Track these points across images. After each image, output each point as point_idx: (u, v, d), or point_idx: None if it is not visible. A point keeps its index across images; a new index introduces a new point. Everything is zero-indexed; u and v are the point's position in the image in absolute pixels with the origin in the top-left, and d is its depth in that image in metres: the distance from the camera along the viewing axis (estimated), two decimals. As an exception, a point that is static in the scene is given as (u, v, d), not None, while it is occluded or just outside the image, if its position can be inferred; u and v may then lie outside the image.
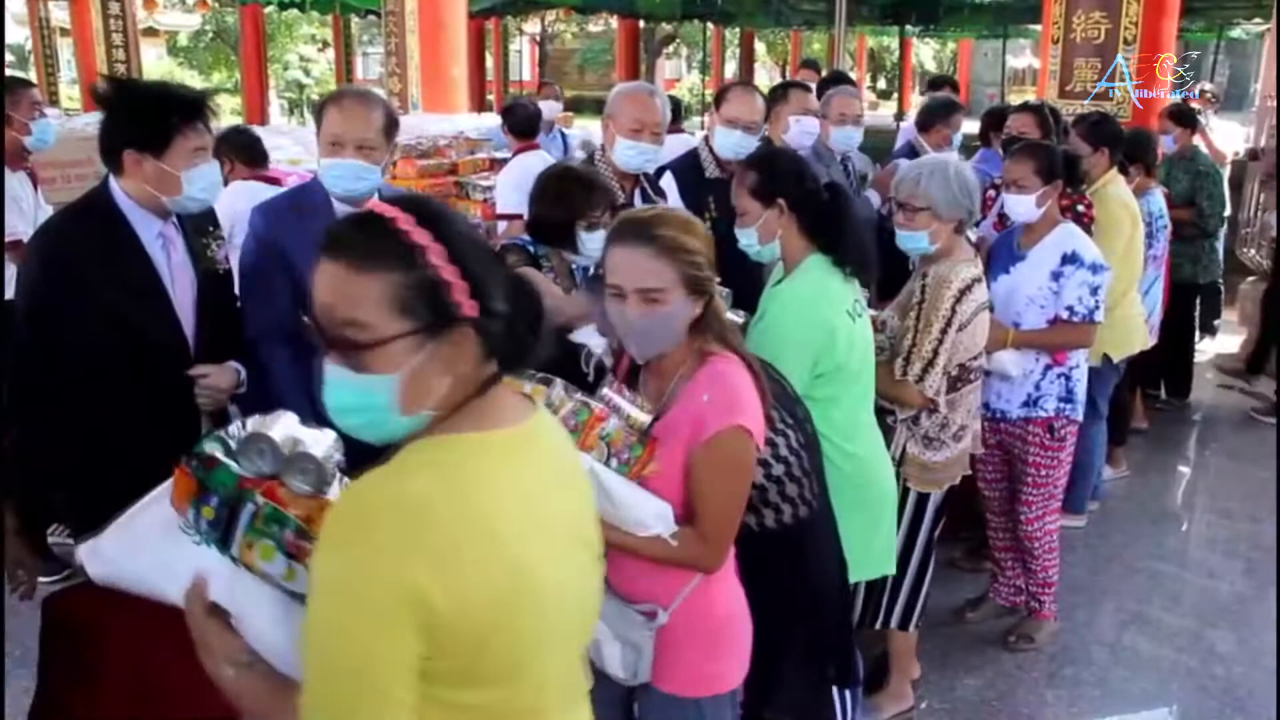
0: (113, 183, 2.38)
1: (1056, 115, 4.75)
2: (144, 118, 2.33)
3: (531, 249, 2.92)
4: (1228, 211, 7.00)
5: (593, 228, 2.87)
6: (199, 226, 2.55)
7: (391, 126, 2.71)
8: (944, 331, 2.89)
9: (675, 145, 4.28)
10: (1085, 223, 3.93)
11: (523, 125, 5.66)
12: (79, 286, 2.28)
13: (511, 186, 4.88)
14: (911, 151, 5.28)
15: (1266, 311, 6.58)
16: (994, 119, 5.87)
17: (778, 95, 4.45)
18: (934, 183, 2.93)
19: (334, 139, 2.61)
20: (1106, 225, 4.14)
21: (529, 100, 6.35)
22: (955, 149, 5.29)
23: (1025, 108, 4.84)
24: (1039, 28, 8.01)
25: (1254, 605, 3.89)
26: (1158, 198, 4.92)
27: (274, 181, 4.22)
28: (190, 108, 2.36)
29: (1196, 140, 6.24)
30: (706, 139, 3.95)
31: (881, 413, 2.86)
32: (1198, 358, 7.06)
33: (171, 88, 2.49)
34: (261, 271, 2.63)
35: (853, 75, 9.46)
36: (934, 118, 5.28)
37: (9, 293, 2.61)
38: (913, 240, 2.99)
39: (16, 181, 4.17)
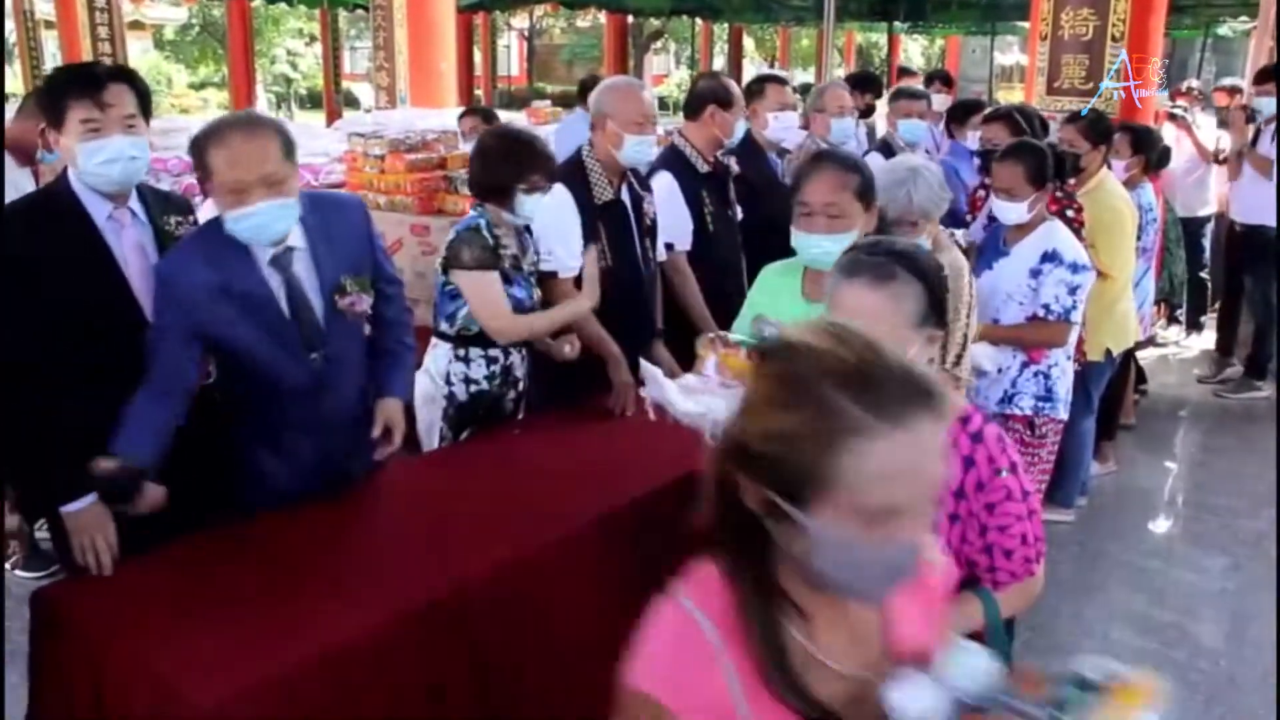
0: (69, 168, 2.41)
1: (1029, 117, 4.72)
2: (47, 93, 2.39)
3: (484, 226, 3.05)
4: (1208, 211, 7.06)
5: (531, 191, 3.03)
6: (165, 210, 2.54)
7: (291, 148, 2.36)
8: (968, 316, 2.97)
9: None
10: (1075, 227, 3.94)
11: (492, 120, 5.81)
12: (28, 266, 2.28)
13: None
14: (884, 145, 5.34)
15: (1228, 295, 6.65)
16: (962, 112, 5.92)
17: (754, 91, 4.45)
18: (919, 193, 2.99)
19: (233, 186, 2.26)
20: (1111, 223, 4.15)
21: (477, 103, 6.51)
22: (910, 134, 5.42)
23: (996, 116, 4.80)
24: (1027, 24, 8.02)
25: (1239, 599, 3.92)
26: (1149, 191, 4.95)
27: None
28: (82, 81, 2.35)
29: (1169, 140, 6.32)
30: (682, 133, 3.95)
31: None
32: (1184, 354, 7.13)
33: (77, 65, 2.52)
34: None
35: (840, 71, 9.48)
36: (891, 109, 5.49)
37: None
38: None
39: (22, 176, 4.17)
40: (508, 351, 3.19)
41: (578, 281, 3.34)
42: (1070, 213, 3.98)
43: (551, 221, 3.30)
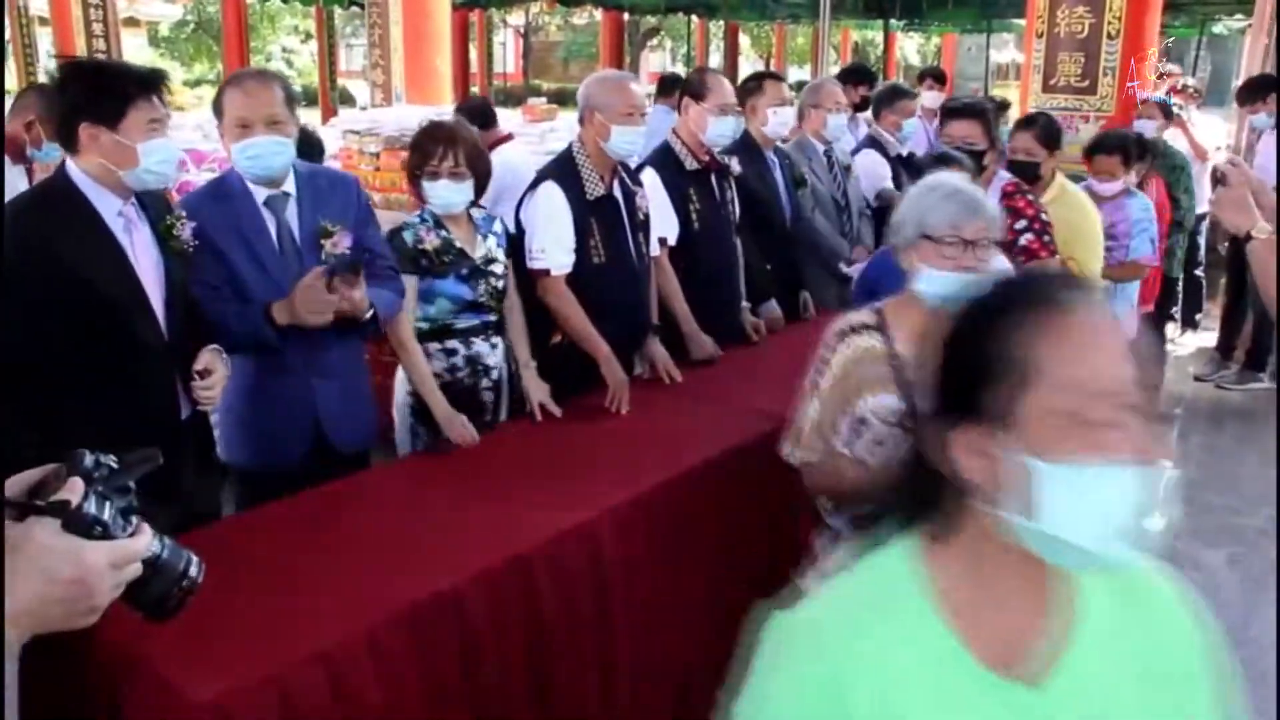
0: (70, 164, 2.38)
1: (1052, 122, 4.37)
2: (99, 90, 2.35)
3: (414, 225, 3.09)
4: (1202, 209, 7.07)
5: (433, 177, 3.07)
6: (159, 209, 2.53)
7: (292, 101, 2.76)
8: None
9: None
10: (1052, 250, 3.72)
11: (480, 119, 5.67)
12: (45, 260, 2.26)
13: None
14: (872, 141, 5.28)
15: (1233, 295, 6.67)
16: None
17: (751, 89, 4.43)
18: (991, 208, 2.31)
19: (241, 121, 2.64)
20: (1088, 228, 4.01)
21: (474, 97, 6.42)
22: (906, 133, 5.30)
23: (1026, 123, 4.28)
24: (1023, 22, 8.03)
25: (1236, 596, 3.92)
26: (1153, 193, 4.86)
27: None
28: (144, 81, 2.38)
29: (1167, 135, 6.29)
30: (675, 131, 3.93)
31: None
32: (1178, 352, 7.13)
33: (124, 64, 2.54)
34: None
35: (836, 69, 9.48)
36: (881, 105, 5.34)
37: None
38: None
39: (16, 174, 4.15)
40: (469, 342, 3.18)
41: (570, 279, 3.33)
42: (1047, 238, 3.68)
43: (543, 219, 3.29)
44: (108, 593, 1.05)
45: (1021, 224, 3.73)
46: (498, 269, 3.21)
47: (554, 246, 3.29)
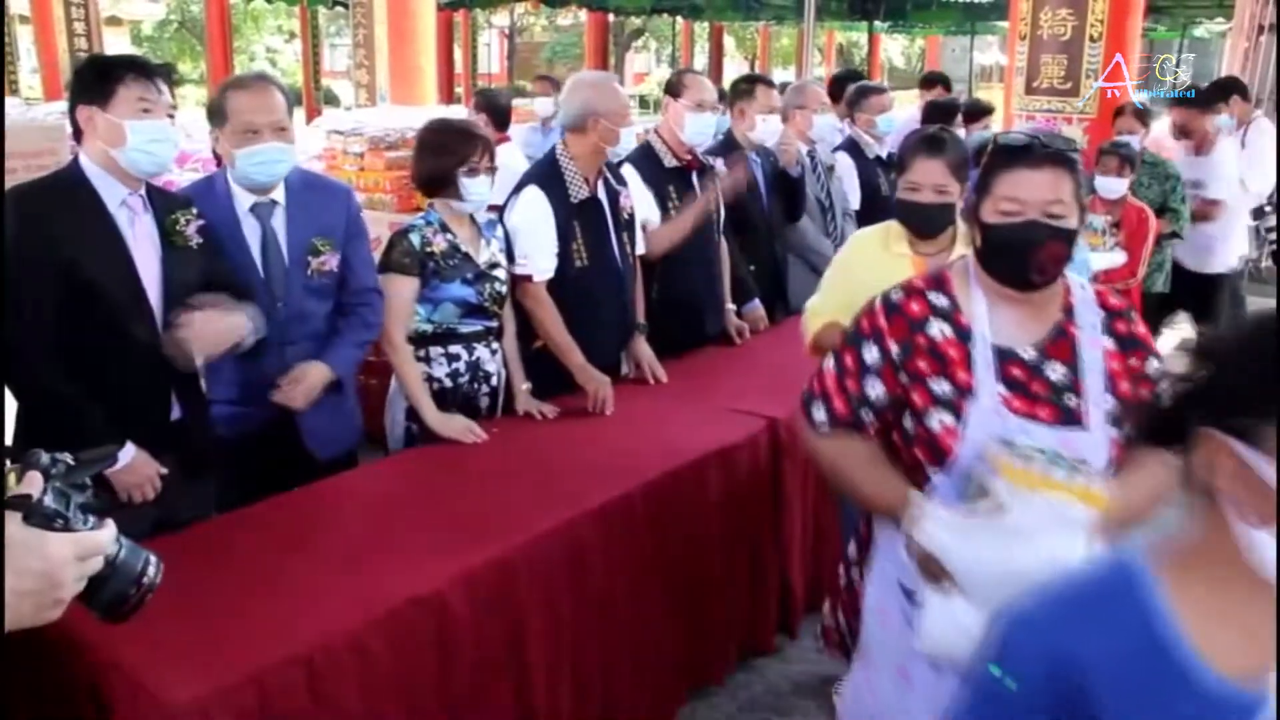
0: (80, 153, 2.41)
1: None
2: (90, 70, 2.43)
3: (420, 228, 3.04)
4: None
5: (473, 173, 3.04)
6: (170, 204, 2.52)
7: (291, 108, 2.77)
8: None
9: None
10: None
11: (499, 116, 5.71)
12: (40, 244, 2.26)
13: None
14: (851, 143, 5.26)
15: None
16: (940, 112, 5.83)
17: (743, 91, 4.41)
18: None
19: (249, 126, 2.64)
20: None
21: (500, 90, 6.45)
22: (882, 129, 5.25)
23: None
24: (1006, 24, 8.06)
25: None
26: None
27: None
28: (132, 63, 2.41)
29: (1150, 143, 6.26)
30: (657, 130, 3.95)
31: None
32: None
33: (129, 55, 2.58)
34: None
35: (821, 71, 9.51)
36: (852, 108, 5.31)
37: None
38: None
39: None
40: (471, 348, 3.16)
41: (554, 282, 3.33)
42: None
43: (525, 225, 3.29)
44: (72, 585, 1.05)
45: None
46: (500, 273, 3.19)
47: (536, 252, 3.29)
